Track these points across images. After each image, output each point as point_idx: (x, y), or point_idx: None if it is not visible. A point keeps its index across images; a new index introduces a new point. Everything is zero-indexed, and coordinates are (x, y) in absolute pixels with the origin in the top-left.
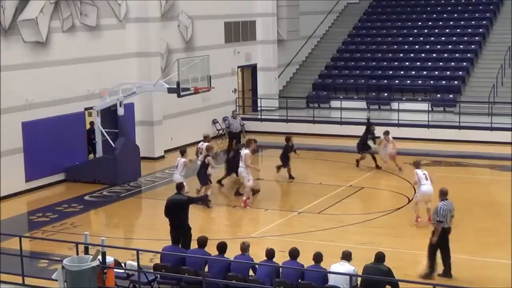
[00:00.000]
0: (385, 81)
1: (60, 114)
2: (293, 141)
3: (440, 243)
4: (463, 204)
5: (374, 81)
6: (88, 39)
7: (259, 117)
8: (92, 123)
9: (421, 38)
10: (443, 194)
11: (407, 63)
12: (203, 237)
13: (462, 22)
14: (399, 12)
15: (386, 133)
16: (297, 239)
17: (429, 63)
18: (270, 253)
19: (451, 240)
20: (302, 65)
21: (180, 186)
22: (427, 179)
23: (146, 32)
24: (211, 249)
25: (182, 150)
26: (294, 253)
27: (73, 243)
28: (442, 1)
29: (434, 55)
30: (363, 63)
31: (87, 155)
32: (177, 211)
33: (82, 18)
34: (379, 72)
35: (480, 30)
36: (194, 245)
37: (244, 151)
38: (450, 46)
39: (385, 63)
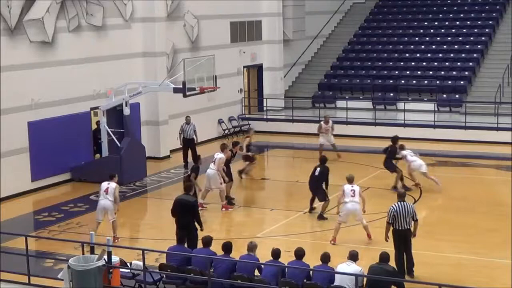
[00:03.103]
0: (391, 81)
1: (66, 113)
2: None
3: (400, 246)
4: (469, 204)
5: (380, 81)
6: (94, 39)
7: (265, 117)
8: (98, 123)
9: (427, 38)
10: (400, 196)
11: (413, 63)
12: (208, 236)
13: (468, 22)
14: (405, 12)
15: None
16: (302, 239)
17: (435, 63)
18: (275, 253)
19: (460, 241)
20: (308, 65)
21: (189, 187)
22: (353, 196)
23: (152, 32)
24: (217, 249)
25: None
26: (299, 253)
27: (78, 242)
28: (448, 1)
29: (440, 55)
30: (369, 63)
31: (93, 155)
32: (184, 212)
33: (88, 18)
34: (385, 72)
35: (486, 30)
36: (199, 245)
37: (219, 155)
38: (456, 46)
39: (391, 63)
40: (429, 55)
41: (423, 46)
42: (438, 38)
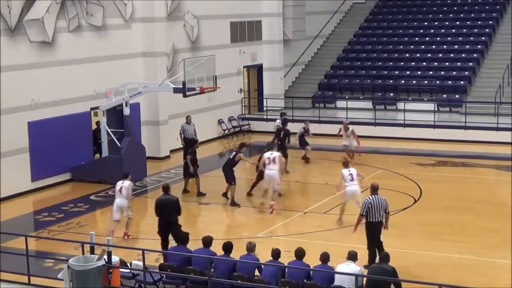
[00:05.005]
0: (391, 81)
1: (66, 114)
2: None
3: (373, 237)
4: (469, 204)
5: (380, 81)
6: (94, 39)
7: (265, 117)
8: (98, 123)
9: (427, 38)
10: (374, 189)
11: (413, 63)
12: (209, 237)
13: (468, 22)
14: (405, 12)
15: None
16: (302, 239)
17: (435, 63)
18: (275, 253)
19: (460, 241)
20: (308, 65)
21: (167, 187)
22: (352, 180)
23: (152, 32)
24: (217, 249)
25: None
26: (299, 253)
27: (79, 242)
28: (449, 1)
29: (440, 55)
30: (369, 63)
31: (93, 155)
32: (167, 211)
33: (88, 18)
34: (385, 72)
35: (486, 30)
36: (199, 244)
37: (276, 153)
38: (456, 46)
39: (391, 63)
40: (429, 55)
41: (423, 46)
42: (438, 38)
